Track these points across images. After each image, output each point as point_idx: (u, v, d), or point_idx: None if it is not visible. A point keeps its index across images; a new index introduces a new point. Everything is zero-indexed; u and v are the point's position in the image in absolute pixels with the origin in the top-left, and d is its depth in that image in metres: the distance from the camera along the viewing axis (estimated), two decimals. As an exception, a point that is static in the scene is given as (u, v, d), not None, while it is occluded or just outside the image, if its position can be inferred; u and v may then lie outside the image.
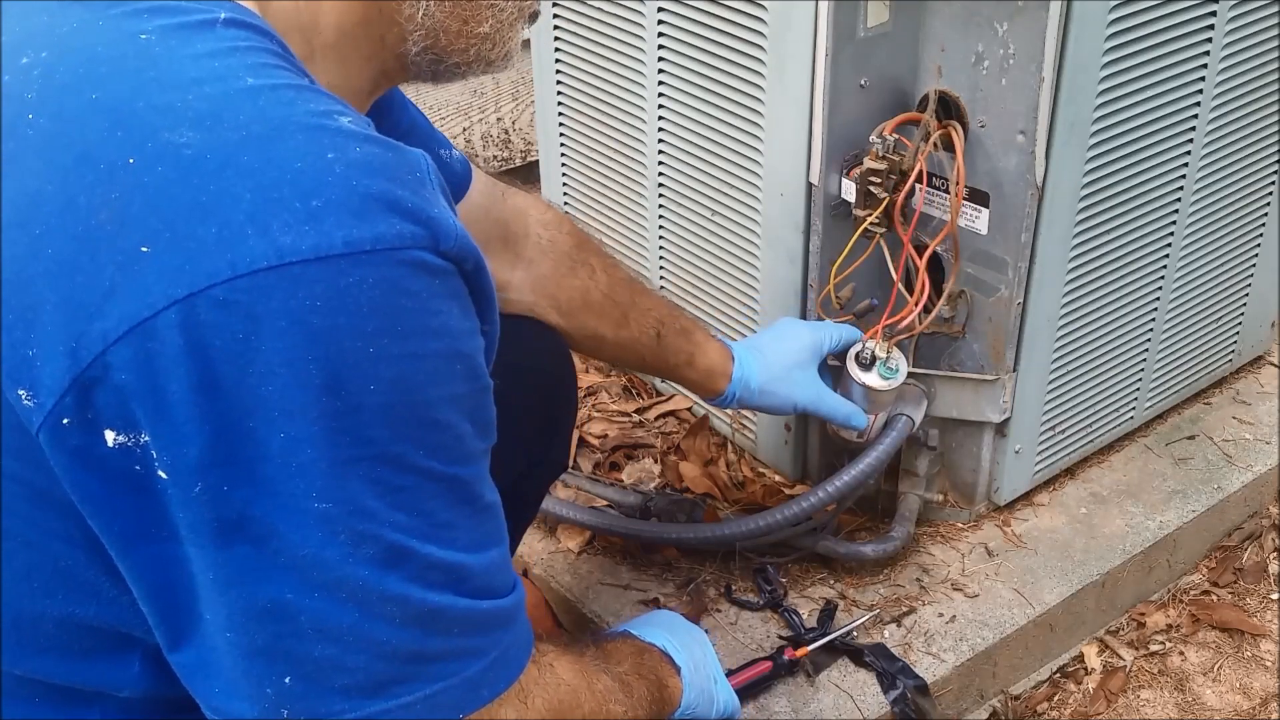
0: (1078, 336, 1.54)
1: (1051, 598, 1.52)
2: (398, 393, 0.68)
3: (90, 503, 0.68)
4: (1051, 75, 1.29)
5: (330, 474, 0.68)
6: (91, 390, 0.65)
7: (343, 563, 0.69)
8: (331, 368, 0.66)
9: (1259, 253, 1.73)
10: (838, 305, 1.44)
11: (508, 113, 2.40)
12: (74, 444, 0.66)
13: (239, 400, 0.65)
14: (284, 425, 0.66)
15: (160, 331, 0.64)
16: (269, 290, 0.64)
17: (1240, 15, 1.46)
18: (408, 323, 0.68)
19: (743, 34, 1.42)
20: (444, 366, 0.71)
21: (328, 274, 0.65)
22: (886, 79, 1.37)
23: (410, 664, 0.74)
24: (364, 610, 0.71)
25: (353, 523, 0.69)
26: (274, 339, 0.64)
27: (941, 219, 1.39)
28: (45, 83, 0.71)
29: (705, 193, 1.58)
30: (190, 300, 0.64)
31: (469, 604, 0.76)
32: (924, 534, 1.60)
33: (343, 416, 0.67)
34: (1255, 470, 1.72)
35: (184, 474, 0.66)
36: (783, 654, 1.39)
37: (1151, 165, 1.47)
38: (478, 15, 0.83)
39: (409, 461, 0.70)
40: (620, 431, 1.77)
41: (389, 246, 0.67)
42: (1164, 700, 1.56)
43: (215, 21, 0.72)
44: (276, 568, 0.69)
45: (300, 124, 0.68)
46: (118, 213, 0.65)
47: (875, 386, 1.39)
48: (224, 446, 0.66)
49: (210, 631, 0.71)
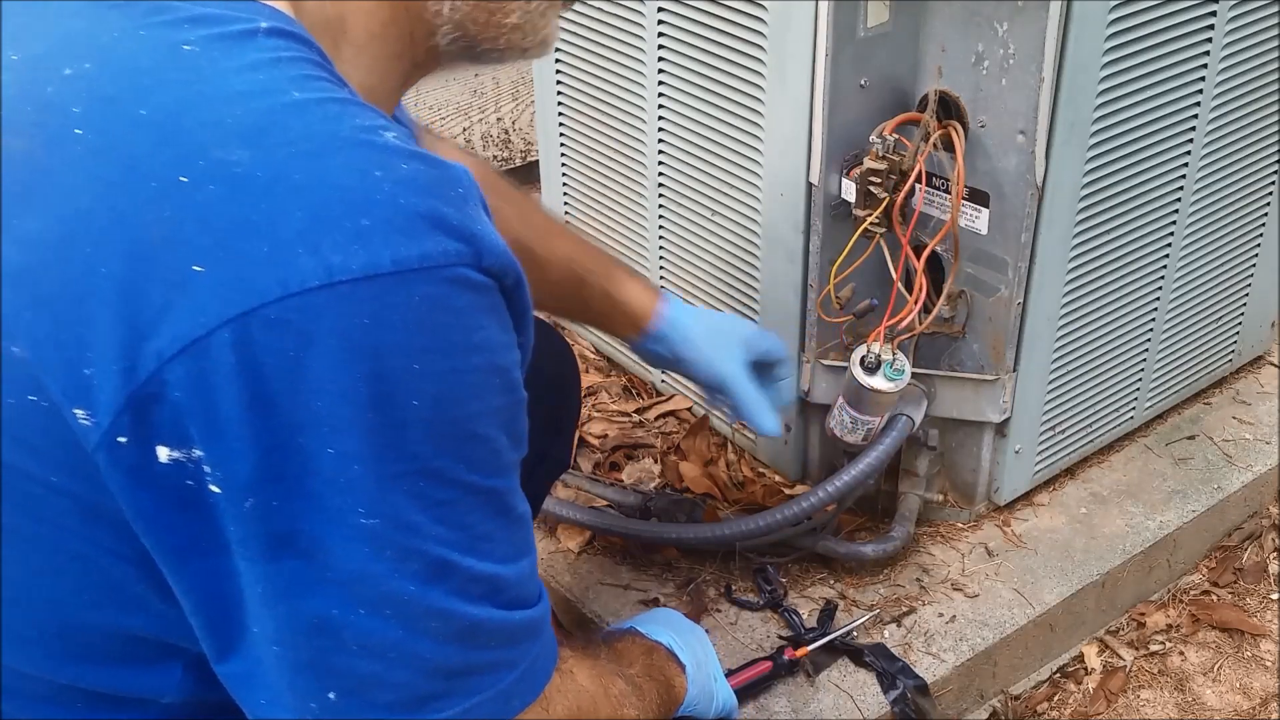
0: (1078, 336, 1.54)
1: (1051, 598, 1.52)
2: (441, 408, 0.69)
3: (143, 518, 0.69)
4: (1051, 75, 1.29)
5: (377, 489, 0.68)
6: (147, 408, 0.66)
7: (389, 578, 0.70)
8: (379, 384, 0.67)
9: (1259, 253, 1.73)
10: (838, 305, 1.44)
11: (508, 113, 2.40)
12: (130, 462, 0.67)
13: (289, 417, 0.66)
14: (333, 441, 0.67)
15: (213, 350, 0.65)
16: (319, 309, 0.65)
17: (1240, 15, 1.46)
18: (451, 339, 0.69)
19: (743, 34, 1.42)
20: (484, 381, 0.72)
21: (376, 292, 0.66)
22: (886, 79, 1.37)
23: (451, 679, 0.75)
24: (408, 626, 0.72)
25: (398, 538, 0.70)
26: (324, 357, 0.65)
27: (941, 219, 1.39)
28: (90, 95, 0.71)
29: (705, 193, 1.58)
30: (243, 319, 0.64)
31: (505, 615, 0.77)
32: (924, 534, 1.60)
33: (389, 432, 0.68)
34: (1255, 470, 1.72)
35: (236, 489, 0.67)
36: (783, 654, 1.39)
37: (1151, 165, 1.47)
38: (504, 8, 0.83)
39: (450, 475, 0.71)
40: (620, 431, 1.77)
41: (435, 264, 0.68)
42: (1164, 700, 1.56)
43: (257, 31, 0.73)
44: (323, 582, 0.69)
45: (347, 140, 0.69)
46: (170, 231, 0.66)
47: (881, 389, 1.39)
48: (274, 462, 0.67)
49: (257, 644, 0.72)
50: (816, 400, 1.54)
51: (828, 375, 1.52)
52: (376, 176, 0.68)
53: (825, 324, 1.48)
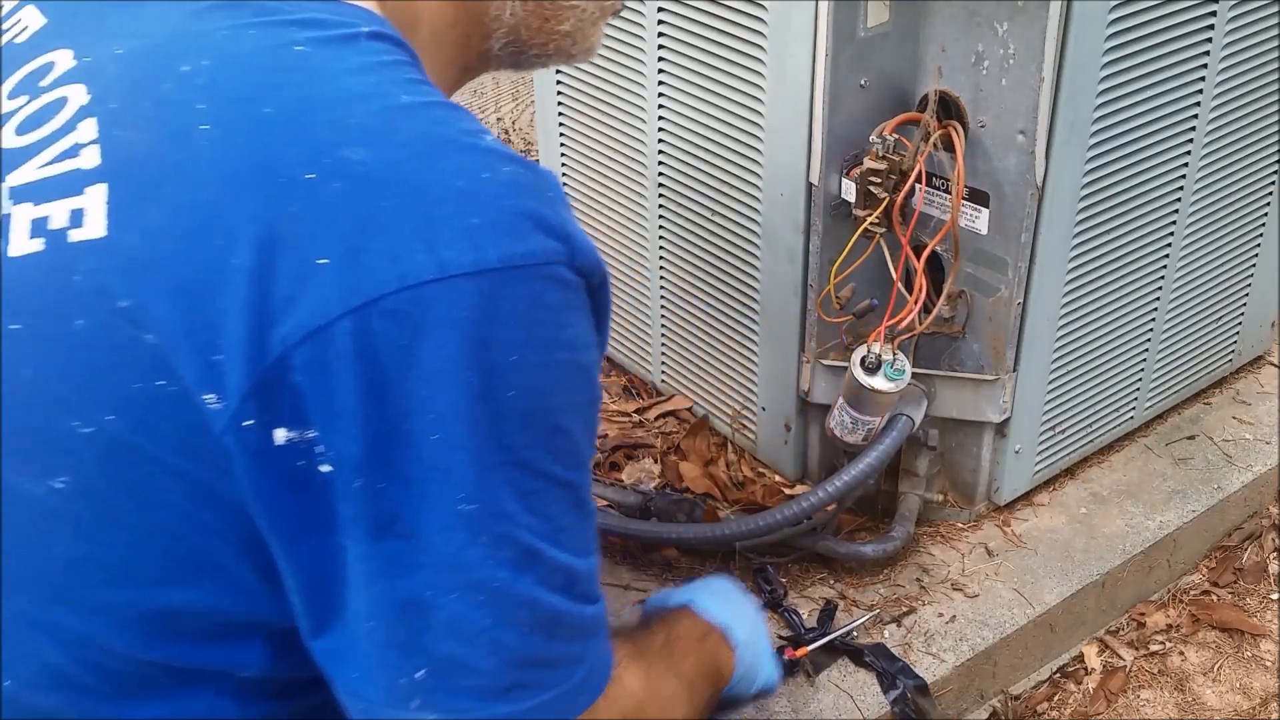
0: (1078, 336, 1.54)
1: (1051, 598, 1.52)
2: (534, 400, 0.73)
3: (261, 500, 0.72)
4: (1051, 75, 1.29)
5: (476, 476, 0.71)
6: (271, 391, 0.69)
7: (483, 564, 0.73)
8: (483, 375, 0.70)
9: (1259, 253, 1.73)
10: (838, 305, 1.44)
11: (508, 113, 2.40)
12: (254, 444, 0.70)
13: (399, 403, 0.69)
14: (438, 428, 0.70)
15: (335, 338, 0.68)
16: (432, 301, 0.69)
17: (1240, 15, 1.46)
18: (546, 333, 0.73)
19: (743, 34, 1.42)
20: (571, 376, 0.76)
21: (483, 286, 0.70)
22: (886, 79, 1.37)
23: (532, 670, 0.78)
24: (497, 614, 0.75)
25: (494, 525, 0.73)
26: (434, 348, 0.69)
27: (941, 219, 1.39)
28: (214, 93, 0.74)
29: (705, 193, 1.58)
30: (363, 310, 0.68)
31: (579, 609, 0.80)
32: (924, 534, 1.60)
33: (490, 421, 0.71)
34: (1255, 470, 1.72)
35: (346, 470, 0.70)
36: (783, 654, 1.39)
37: (1151, 165, 1.47)
38: (559, 14, 0.87)
39: (539, 466, 0.74)
40: (620, 431, 1.77)
41: (536, 262, 0.72)
42: (1164, 700, 1.56)
43: (359, 35, 0.77)
44: (420, 565, 0.72)
45: (455, 144, 0.73)
46: (297, 225, 0.69)
47: (882, 389, 1.39)
48: (382, 446, 0.70)
49: (353, 621, 0.74)
50: (816, 400, 1.54)
51: (828, 375, 1.52)
52: (484, 178, 0.72)
53: (825, 324, 1.48)
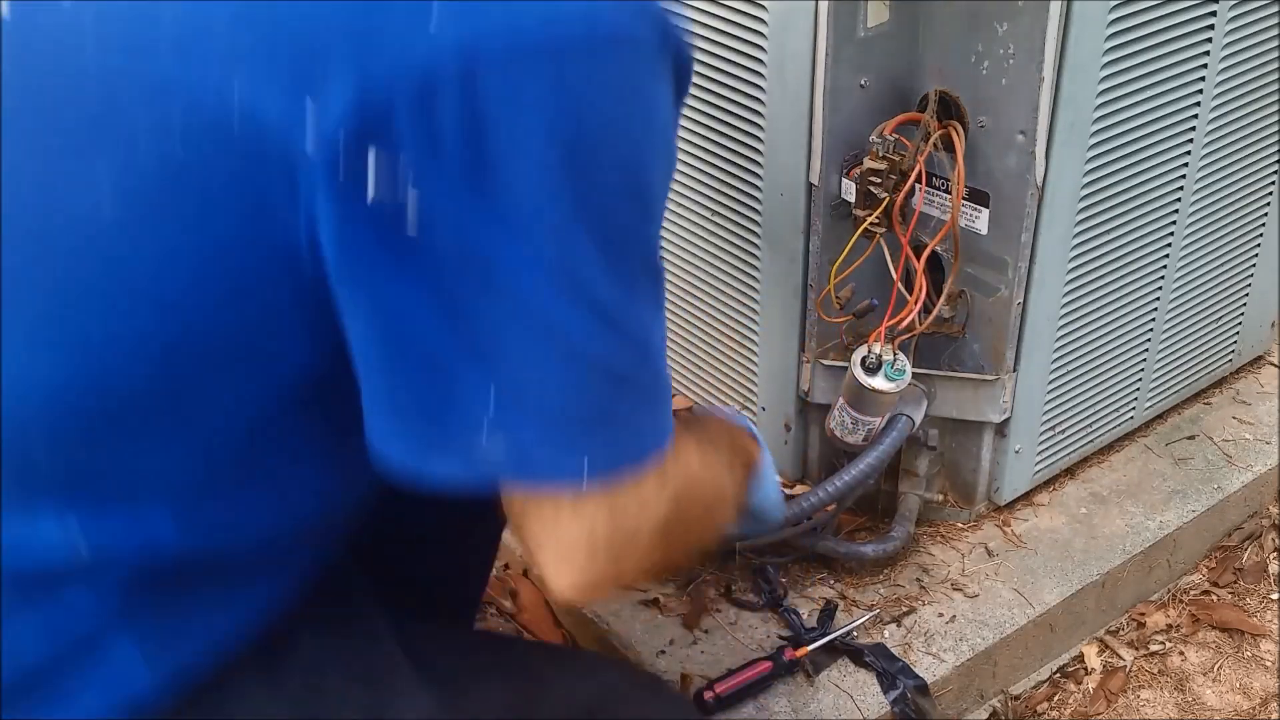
0: (1078, 336, 1.54)
1: (1051, 598, 1.52)
2: (626, 157, 0.77)
3: (341, 239, 0.73)
4: (1051, 75, 1.29)
5: (563, 224, 0.74)
6: (371, 129, 0.70)
7: (555, 306, 0.75)
8: (579, 130, 0.73)
9: (1259, 253, 1.73)
10: (838, 305, 1.44)
11: (508, 112, 2.40)
12: (347, 184, 0.71)
13: (497, 146, 0.71)
14: (534, 176, 0.72)
15: (440, 80, 0.70)
16: (539, 53, 0.71)
17: (1240, 15, 1.46)
18: (639, 100, 0.76)
19: (743, 34, 1.42)
20: (656, 143, 0.79)
21: (589, 48, 0.73)
22: (886, 79, 1.37)
23: (597, 421, 0.79)
24: (568, 360, 0.76)
25: (576, 270, 0.75)
26: (539, 98, 0.71)
27: (941, 219, 1.39)
28: None
29: (705, 193, 1.58)
30: (471, 54, 0.70)
31: (649, 369, 0.82)
32: (924, 534, 1.60)
33: (583, 176, 0.74)
34: (1255, 470, 1.72)
35: (437, 198, 0.72)
36: (783, 654, 1.39)
37: (1151, 165, 1.47)
38: None
39: (622, 222, 0.78)
40: (620, 431, 1.76)
41: (637, 35, 0.75)
42: (1164, 700, 1.56)
43: None
44: (499, 308, 0.74)
45: None
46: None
47: (882, 389, 1.39)
48: (475, 182, 0.72)
49: (419, 356, 0.76)
50: (816, 400, 1.54)
51: (828, 375, 1.52)
52: None
53: (825, 324, 1.48)
